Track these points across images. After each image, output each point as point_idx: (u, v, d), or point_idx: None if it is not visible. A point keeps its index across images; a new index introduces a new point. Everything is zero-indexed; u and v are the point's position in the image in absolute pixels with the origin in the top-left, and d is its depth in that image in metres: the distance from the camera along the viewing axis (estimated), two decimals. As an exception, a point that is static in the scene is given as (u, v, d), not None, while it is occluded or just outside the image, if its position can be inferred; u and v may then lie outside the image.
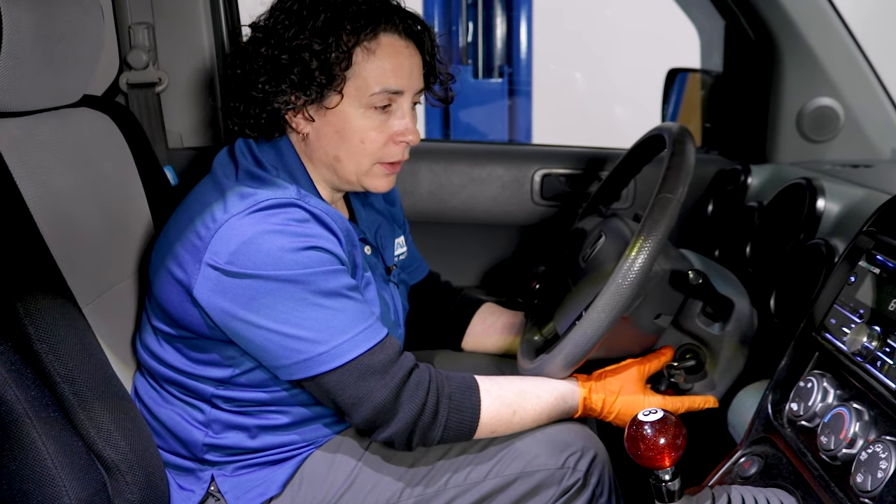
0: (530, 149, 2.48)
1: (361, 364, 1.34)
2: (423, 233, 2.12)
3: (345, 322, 1.34)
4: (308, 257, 1.32)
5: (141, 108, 2.00)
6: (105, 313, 1.48)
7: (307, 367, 1.34)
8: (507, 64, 5.62)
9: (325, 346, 1.33)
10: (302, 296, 1.32)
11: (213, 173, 1.48)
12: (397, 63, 1.42)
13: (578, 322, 1.37)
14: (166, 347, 1.48)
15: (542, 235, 2.28)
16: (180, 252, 1.39)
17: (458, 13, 5.59)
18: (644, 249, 1.32)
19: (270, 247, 1.31)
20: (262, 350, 1.36)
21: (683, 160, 1.42)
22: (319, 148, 1.46)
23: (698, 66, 2.43)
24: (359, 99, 1.41)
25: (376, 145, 1.43)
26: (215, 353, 1.43)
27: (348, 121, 1.42)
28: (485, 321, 1.86)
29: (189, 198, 1.48)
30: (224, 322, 1.36)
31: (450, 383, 1.42)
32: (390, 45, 1.42)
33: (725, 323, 1.50)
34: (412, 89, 1.44)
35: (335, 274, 1.35)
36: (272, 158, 1.47)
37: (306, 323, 1.32)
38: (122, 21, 1.99)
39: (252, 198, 1.36)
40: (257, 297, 1.32)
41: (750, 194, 1.99)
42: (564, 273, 1.70)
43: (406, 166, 2.22)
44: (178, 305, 1.41)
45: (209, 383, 1.47)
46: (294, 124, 1.45)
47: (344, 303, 1.35)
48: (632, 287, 1.31)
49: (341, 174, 1.46)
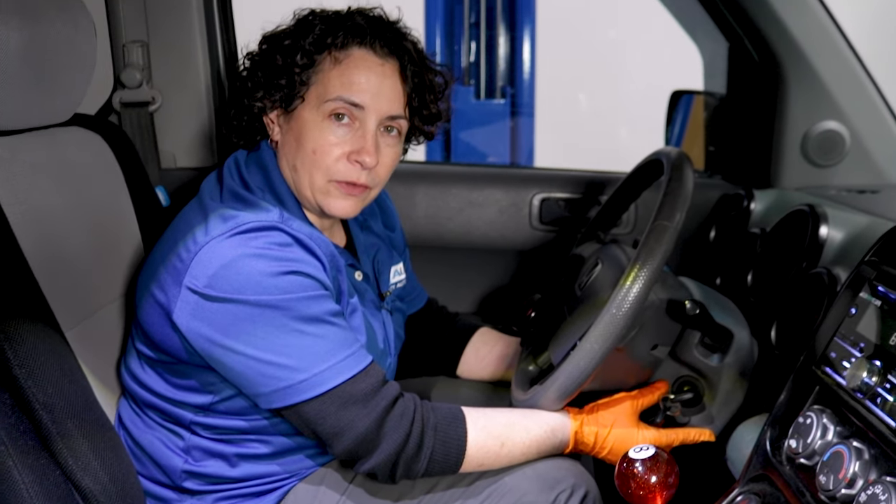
0: (529, 172, 2.47)
1: (343, 392, 1.33)
2: (418, 257, 2.11)
3: (326, 349, 1.33)
4: (289, 282, 1.31)
5: (134, 128, 2.00)
6: (90, 338, 1.47)
7: (286, 396, 1.32)
8: (510, 85, 5.63)
9: (305, 373, 1.31)
10: (282, 322, 1.30)
11: (200, 195, 1.48)
12: (364, 77, 1.41)
13: (572, 353, 1.35)
14: (148, 371, 1.47)
15: (540, 261, 2.27)
16: (163, 275, 1.38)
17: (460, 32, 5.60)
18: (639, 278, 1.31)
19: (250, 271, 1.30)
20: (240, 377, 1.34)
21: (681, 186, 1.41)
22: (283, 157, 1.47)
23: (702, 88, 2.42)
24: (317, 106, 1.41)
25: (329, 159, 1.41)
26: (195, 379, 1.42)
27: (306, 128, 1.42)
28: (479, 348, 1.85)
29: (175, 220, 1.47)
30: (203, 347, 1.34)
31: (435, 414, 1.40)
32: (361, 58, 1.42)
33: (724, 354, 1.49)
34: (378, 110, 1.42)
35: (317, 299, 1.34)
36: (259, 180, 1.47)
37: (286, 350, 1.31)
38: (116, 39, 1.99)
39: (233, 220, 1.35)
40: (236, 322, 1.30)
41: (753, 220, 1.98)
42: (561, 301, 1.68)
43: (402, 189, 2.25)
44: (158, 329, 1.40)
45: (189, 409, 1.45)
46: (270, 130, 1.48)
47: (326, 329, 1.33)
48: (626, 317, 1.30)
49: (299, 189, 1.45)
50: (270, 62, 1.44)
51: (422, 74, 1.49)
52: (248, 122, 1.50)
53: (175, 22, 1.99)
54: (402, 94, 1.46)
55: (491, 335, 1.87)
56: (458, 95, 5.44)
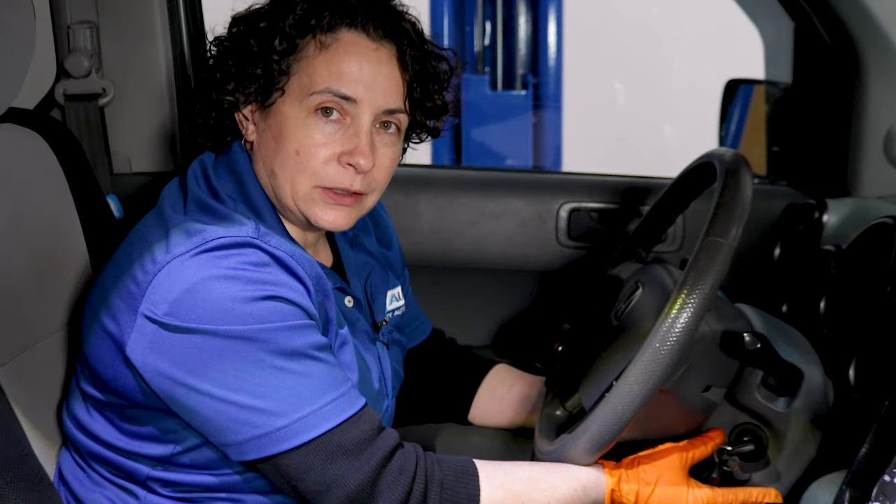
0: (556, 177, 2.48)
1: (330, 442, 1.32)
2: (423, 279, 2.11)
3: (310, 389, 1.33)
4: (265, 309, 1.31)
5: (80, 125, 2.01)
6: (25, 376, 1.47)
7: (262, 446, 1.32)
8: (532, 73, 5.65)
9: (285, 419, 1.31)
10: (257, 356, 1.31)
11: (159, 206, 1.48)
12: (355, 64, 1.42)
13: (607, 395, 1.35)
14: (95, 417, 1.47)
15: (569, 284, 2.27)
16: (114, 301, 1.38)
17: (472, 12, 5.63)
18: (688, 305, 1.30)
19: (219, 296, 1.30)
20: (207, 423, 1.34)
21: (737, 196, 1.41)
22: (259, 160, 1.48)
23: (763, 77, 2.43)
24: (301, 100, 1.42)
25: (315, 161, 1.42)
26: (152, 426, 1.42)
27: (287, 125, 1.43)
28: (496, 389, 1.85)
29: (130, 235, 1.48)
30: (162, 387, 1.34)
31: (442, 468, 1.40)
32: (352, 42, 1.43)
33: (792, 397, 1.49)
34: (373, 103, 1.43)
35: (299, 330, 1.34)
36: (231, 188, 1.47)
37: (262, 390, 1.31)
38: (59, 20, 2.00)
39: (200, 235, 1.36)
40: (202, 357, 1.30)
41: (826, 235, 1.98)
42: (593, 332, 1.68)
43: (403, 198, 2.26)
44: (108, 365, 1.40)
45: (145, 462, 1.45)
46: (242, 128, 1.49)
47: (309, 365, 1.34)
48: (672, 353, 1.30)
49: (279, 196, 1.46)
50: (243, 48, 1.44)
51: (423, 60, 1.49)
52: (216, 119, 1.50)
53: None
54: (401, 84, 1.47)
55: (509, 373, 1.87)
56: (471, 86, 5.47)
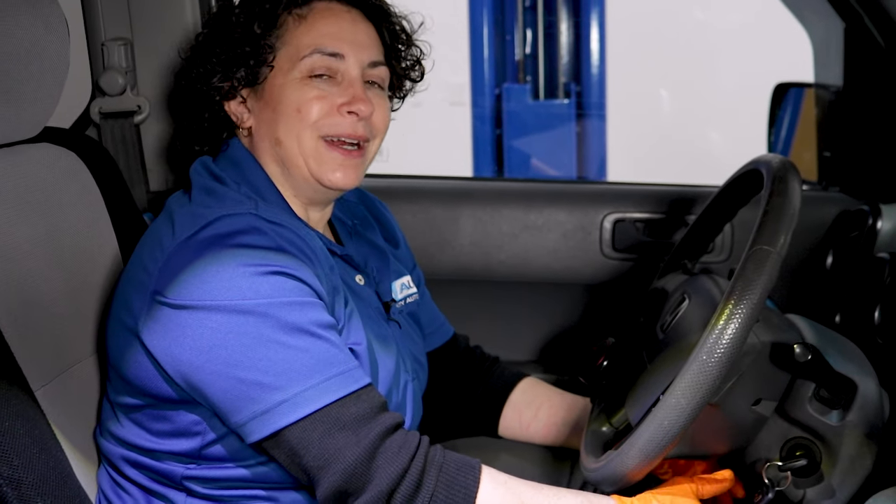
0: (599, 188, 2.48)
1: (329, 416, 1.34)
2: (464, 294, 2.12)
3: (310, 365, 1.35)
4: (269, 284, 1.35)
5: (117, 143, 2.03)
6: (64, 397, 1.50)
7: (265, 423, 1.35)
8: (575, 81, 5.65)
9: (285, 392, 1.34)
10: (258, 331, 1.34)
11: (167, 206, 1.54)
12: (335, 25, 1.54)
13: (654, 410, 1.35)
14: (125, 423, 1.50)
15: (613, 297, 2.27)
16: (130, 295, 1.44)
17: (512, 19, 5.64)
18: (736, 316, 1.30)
19: (222, 272, 1.35)
20: (217, 403, 1.38)
21: (785, 202, 1.40)
22: (262, 138, 1.56)
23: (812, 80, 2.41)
24: (291, 68, 1.52)
25: (317, 113, 1.51)
26: (178, 422, 1.45)
27: (283, 93, 1.52)
28: (522, 414, 1.87)
29: (143, 237, 1.54)
30: (177, 370, 1.38)
31: (445, 457, 1.41)
32: (326, 9, 1.56)
33: (846, 410, 1.47)
34: (358, 56, 1.54)
35: (302, 306, 1.37)
36: (233, 174, 1.55)
37: (262, 364, 1.34)
38: (93, 37, 2.03)
39: (202, 217, 1.41)
40: (205, 333, 1.34)
41: (880, 242, 1.97)
42: (639, 346, 1.68)
43: (443, 211, 2.27)
44: (130, 362, 1.44)
45: (177, 461, 1.48)
46: (236, 118, 1.58)
47: (311, 342, 1.36)
48: (720, 365, 1.29)
49: (289, 164, 1.54)
50: (226, 36, 1.54)
51: (388, 17, 1.63)
52: (209, 118, 1.59)
53: (164, 15, 2.02)
54: (377, 40, 1.60)
55: (537, 391, 1.88)
56: (512, 95, 5.48)
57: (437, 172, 2.04)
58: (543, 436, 1.85)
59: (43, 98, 1.54)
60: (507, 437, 1.88)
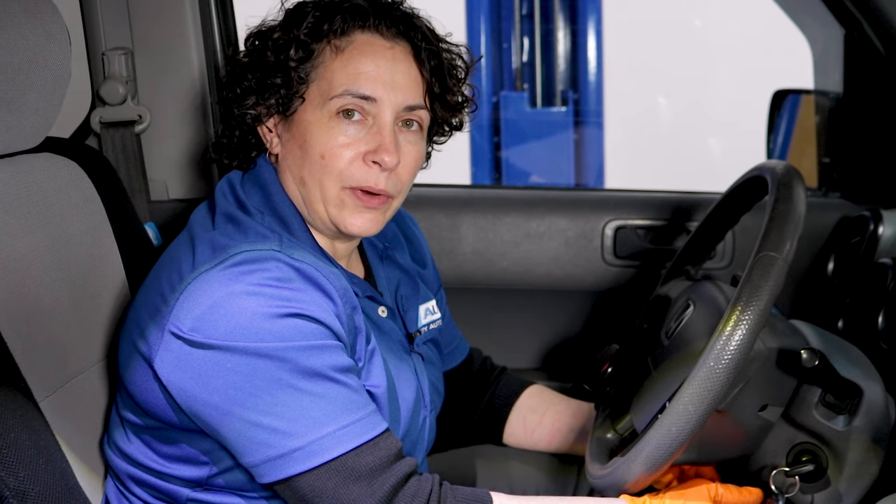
0: (601, 195, 2.48)
1: (344, 466, 1.34)
2: (465, 302, 2.12)
3: (328, 411, 1.34)
4: (288, 327, 1.34)
5: (117, 153, 2.04)
6: (69, 408, 1.49)
7: (278, 467, 1.34)
8: (573, 89, 5.65)
9: (301, 440, 1.33)
10: (276, 375, 1.33)
11: (189, 225, 1.52)
12: (372, 64, 1.46)
13: (661, 416, 1.35)
14: (134, 441, 1.49)
15: (616, 304, 2.27)
16: (144, 319, 1.42)
17: (509, 26, 5.64)
18: (743, 322, 1.30)
19: (242, 312, 1.33)
20: (230, 442, 1.37)
21: (790, 209, 1.40)
22: (286, 170, 1.52)
23: (812, 87, 2.42)
24: (321, 105, 1.46)
25: (341, 162, 1.45)
26: (187, 448, 1.44)
27: (310, 131, 1.47)
28: (527, 420, 1.86)
29: (161, 257, 1.52)
30: (188, 405, 1.37)
31: (455, 495, 1.40)
32: (366, 43, 1.48)
33: (852, 415, 1.47)
34: (393, 101, 1.47)
35: (321, 350, 1.36)
36: (258, 200, 1.51)
37: (278, 410, 1.33)
38: (94, 47, 2.04)
39: (225, 250, 1.39)
40: (222, 373, 1.33)
41: (882, 248, 1.97)
42: (644, 352, 1.68)
43: (444, 219, 2.26)
44: (141, 385, 1.43)
45: (183, 485, 1.47)
46: (266, 142, 1.53)
47: (329, 387, 1.35)
48: (728, 371, 1.29)
49: (309, 204, 1.50)
50: (260, 61, 1.49)
51: (438, 56, 1.53)
52: (240, 136, 1.55)
53: (164, 24, 2.03)
54: (420, 81, 1.51)
55: (542, 398, 1.88)
56: (510, 103, 5.48)
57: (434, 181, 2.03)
58: (548, 442, 1.85)
59: (45, 108, 1.54)
60: (512, 444, 1.88)
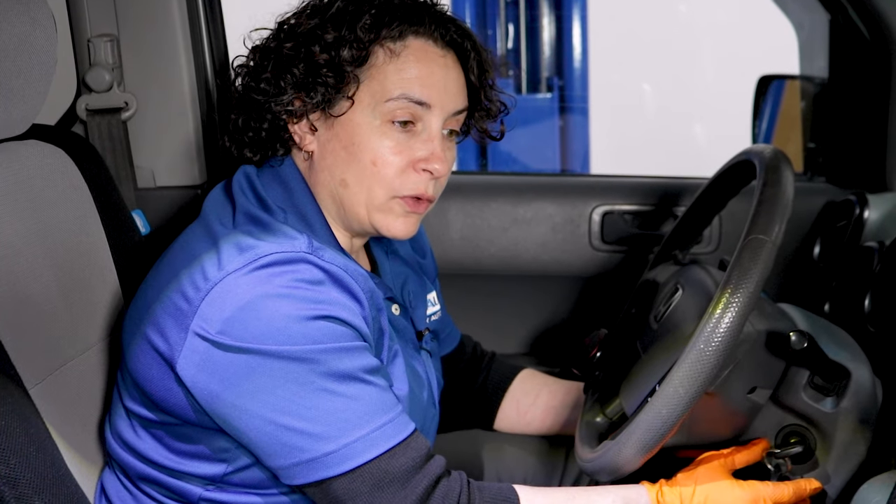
0: (587, 180, 2.48)
1: (378, 469, 1.33)
2: (453, 287, 2.12)
3: (360, 414, 1.33)
4: (319, 329, 1.32)
5: (104, 140, 2.03)
6: (59, 396, 1.49)
7: (310, 470, 1.33)
8: (557, 75, 5.65)
9: (334, 444, 1.32)
10: (308, 378, 1.31)
11: (204, 217, 1.49)
12: (426, 70, 1.44)
13: (651, 399, 1.35)
14: (143, 436, 1.48)
15: (604, 289, 2.28)
16: (161, 317, 1.39)
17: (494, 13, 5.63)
18: (732, 306, 1.30)
19: (273, 315, 1.31)
20: (257, 445, 1.35)
21: (779, 192, 1.41)
22: (324, 169, 1.47)
23: (797, 72, 2.42)
24: (373, 107, 1.43)
25: (392, 170, 1.44)
26: (204, 445, 1.43)
27: (359, 134, 1.43)
28: (520, 402, 1.87)
29: (174, 248, 1.48)
30: (213, 407, 1.35)
31: (483, 495, 1.40)
32: (421, 49, 1.45)
33: (840, 397, 1.48)
34: (444, 108, 1.46)
35: (351, 352, 1.35)
36: (279, 197, 1.48)
37: (311, 413, 1.32)
38: (79, 33, 2.03)
39: (253, 251, 1.36)
40: (252, 377, 1.32)
41: (868, 232, 1.98)
42: (632, 336, 1.68)
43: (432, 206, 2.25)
44: (158, 384, 1.41)
45: (196, 482, 1.46)
46: (298, 138, 1.48)
47: (360, 389, 1.34)
48: (718, 354, 1.29)
49: (349, 206, 1.47)
50: (308, 58, 1.44)
51: (482, 65, 1.53)
52: (269, 130, 1.49)
53: (150, 10, 2.02)
54: (464, 88, 1.51)
55: (534, 382, 1.89)
56: (497, 92, 5.46)
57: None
58: (541, 421, 1.85)
59: (31, 94, 1.53)
60: (503, 429, 1.88)
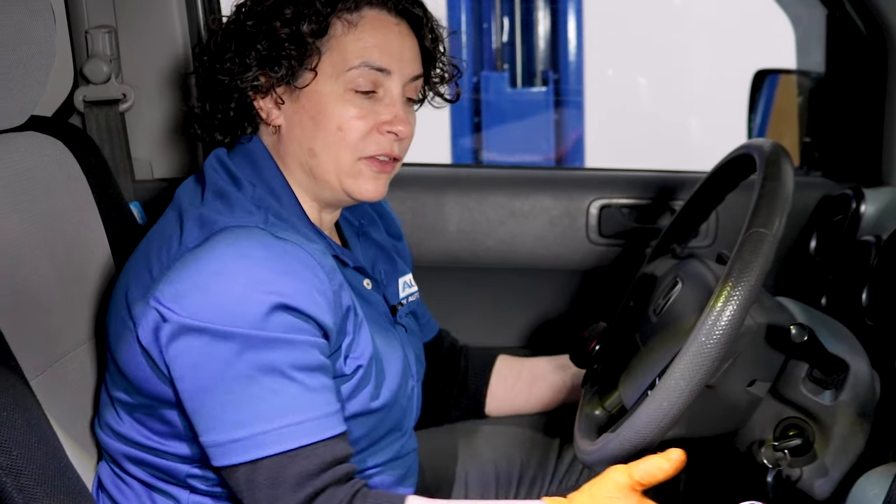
0: (585, 174, 2.49)
1: (278, 466, 1.33)
2: (451, 281, 2.12)
3: (274, 408, 1.34)
4: (259, 313, 1.34)
5: (101, 131, 2.02)
6: (59, 388, 1.49)
7: (220, 454, 1.36)
8: (553, 69, 5.65)
9: (244, 431, 1.34)
10: (235, 360, 1.33)
11: (177, 200, 1.52)
12: (384, 38, 1.50)
13: (651, 392, 1.36)
14: (126, 420, 1.49)
15: (601, 282, 2.29)
16: (132, 293, 1.43)
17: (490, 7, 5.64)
18: (733, 299, 1.30)
19: (218, 292, 1.34)
20: (190, 420, 1.39)
21: (779, 186, 1.41)
22: (292, 141, 1.52)
23: (794, 66, 2.43)
24: (336, 77, 1.48)
25: (357, 134, 1.48)
26: (181, 425, 1.44)
27: (324, 103, 1.48)
28: (506, 379, 1.90)
29: (148, 235, 1.52)
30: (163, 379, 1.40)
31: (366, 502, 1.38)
32: (376, 18, 1.51)
33: (839, 390, 1.48)
34: (402, 73, 1.51)
35: (286, 346, 1.35)
36: (249, 173, 1.51)
37: (230, 397, 1.34)
38: (77, 25, 2.02)
39: (210, 226, 1.40)
40: (189, 351, 1.35)
41: (864, 226, 1.98)
42: (631, 330, 1.69)
43: (429, 199, 2.26)
44: (129, 361, 1.44)
45: (181, 461, 1.47)
46: (265, 114, 1.53)
47: (282, 384, 1.34)
48: (718, 347, 1.30)
49: (319, 175, 1.51)
50: (269, 33, 1.49)
51: (433, 31, 1.60)
52: (237, 109, 1.54)
53: (148, 1, 2.01)
54: (419, 54, 1.57)
55: (514, 361, 1.93)
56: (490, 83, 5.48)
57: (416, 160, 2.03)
58: (528, 392, 1.89)
59: (30, 86, 1.53)
60: (495, 412, 1.90)
